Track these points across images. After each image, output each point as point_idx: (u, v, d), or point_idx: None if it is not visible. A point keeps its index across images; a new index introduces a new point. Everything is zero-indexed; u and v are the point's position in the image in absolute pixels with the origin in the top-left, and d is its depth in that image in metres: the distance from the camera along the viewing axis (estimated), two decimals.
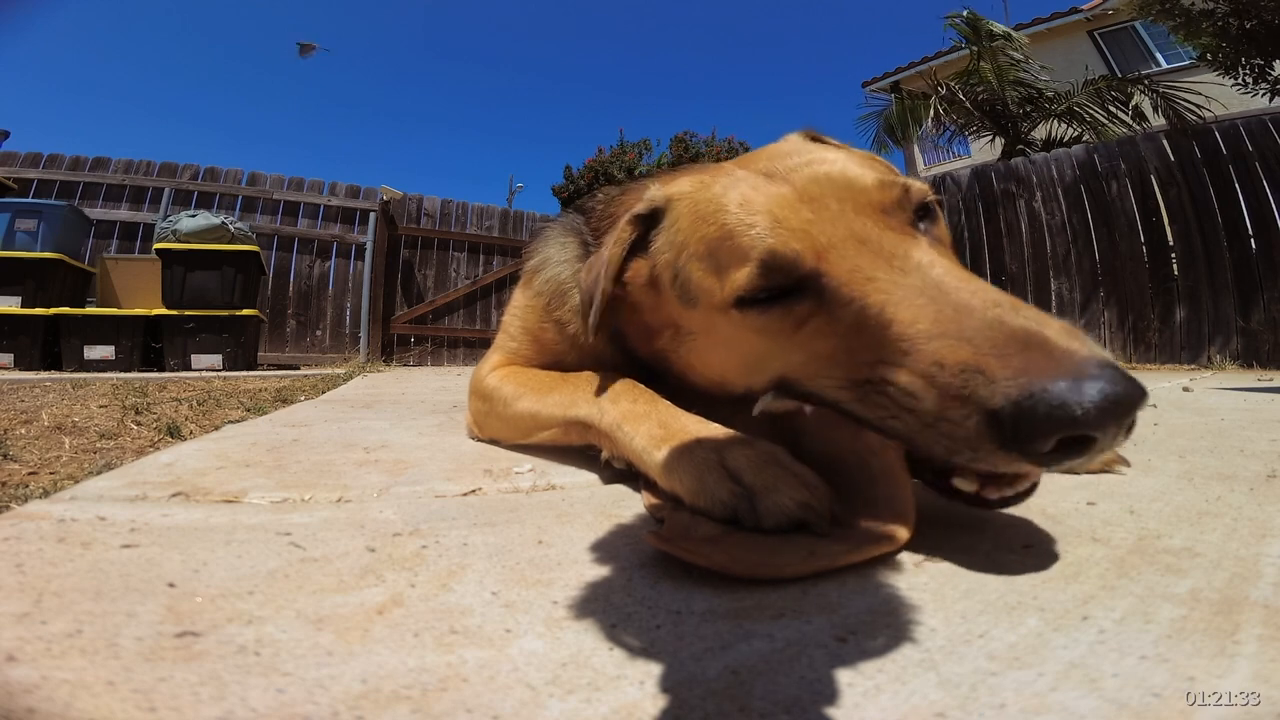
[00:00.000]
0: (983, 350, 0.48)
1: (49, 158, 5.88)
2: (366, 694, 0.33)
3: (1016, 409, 0.44)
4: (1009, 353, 0.47)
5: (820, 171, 0.67)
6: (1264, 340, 4.36)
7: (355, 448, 1.04)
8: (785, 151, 0.73)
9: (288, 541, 0.56)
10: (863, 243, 0.60)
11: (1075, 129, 7.40)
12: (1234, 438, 1.10)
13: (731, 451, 0.61)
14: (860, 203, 0.64)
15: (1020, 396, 0.44)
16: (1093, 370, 0.44)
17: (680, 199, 0.75)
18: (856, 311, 0.57)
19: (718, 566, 0.49)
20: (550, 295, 1.01)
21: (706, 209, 0.70)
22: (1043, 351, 0.46)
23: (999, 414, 0.45)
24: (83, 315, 4.26)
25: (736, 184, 0.69)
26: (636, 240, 0.79)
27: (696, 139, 13.78)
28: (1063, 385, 0.43)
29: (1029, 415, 0.44)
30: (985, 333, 0.49)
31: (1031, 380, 0.44)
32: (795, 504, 0.54)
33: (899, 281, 0.56)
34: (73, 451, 1.35)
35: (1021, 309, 0.51)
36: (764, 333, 0.65)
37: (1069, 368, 0.45)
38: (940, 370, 0.49)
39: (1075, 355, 0.46)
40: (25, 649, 0.36)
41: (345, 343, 6.44)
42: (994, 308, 0.51)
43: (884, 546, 0.51)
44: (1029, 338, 0.48)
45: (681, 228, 0.73)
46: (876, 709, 0.33)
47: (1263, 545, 0.55)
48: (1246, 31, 4.32)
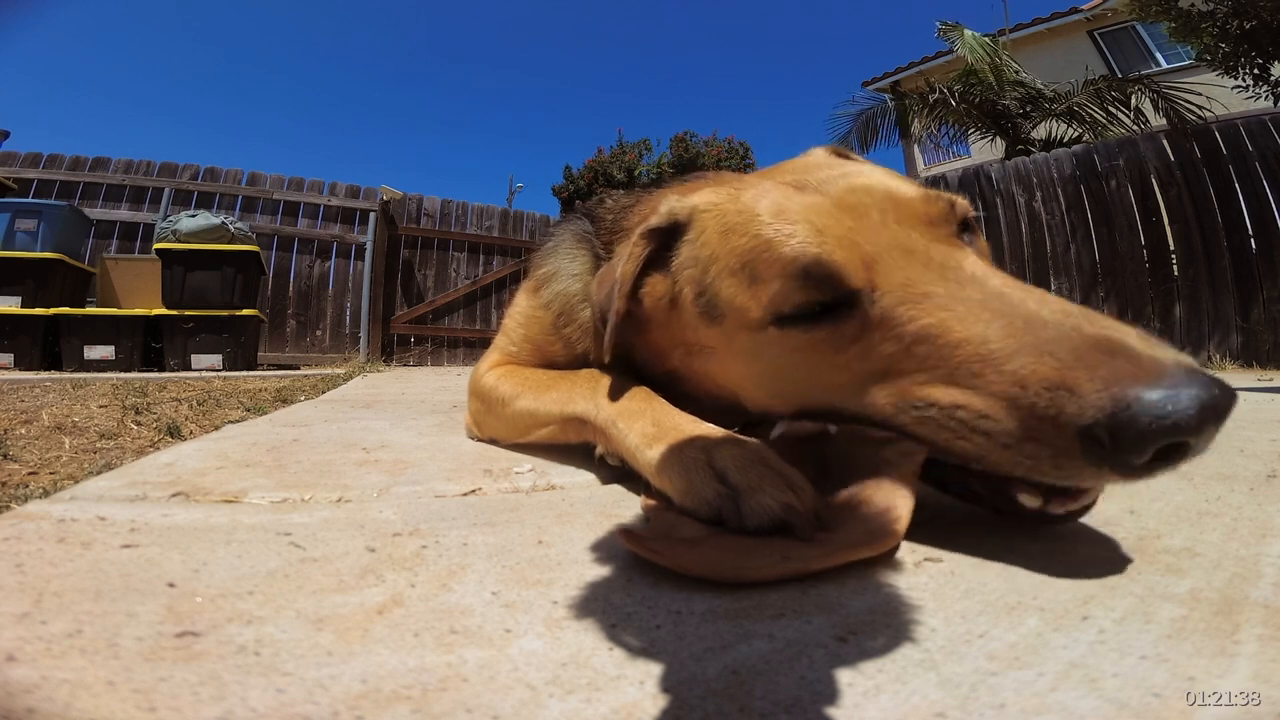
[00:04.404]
0: (1067, 364, 0.46)
1: (49, 158, 5.87)
2: (366, 694, 0.33)
3: (1113, 421, 0.43)
4: (1095, 363, 0.45)
5: (858, 183, 0.63)
6: (1263, 339, 4.36)
7: (355, 448, 1.04)
8: (813, 164, 0.70)
9: (288, 541, 0.56)
10: (911, 253, 0.57)
11: (1075, 129, 7.41)
12: (1234, 437, 1.10)
13: (719, 451, 0.59)
14: (904, 213, 0.60)
15: (1116, 408, 0.43)
16: (1182, 376, 0.43)
17: (705, 210, 0.71)
18: (915, 332, 0.54)
19: (686, 569, 0.48)
20: (559, 310, 0.98)
21: (737, 220, 0.66)
22: (1128, 359, 0.44)
23: (1093, 429, 0.43)
24: (83, 315, 4.26)
25: (767, 193, 0.66)
26: (652, 254, 0.75)
27: (696, 139, 13.79)
28: (1158, 393, 0.42)
29: (1128, 427, 0.42)
30: (1064, 344, 0.47)
31: (1125, 390, 0.43)
32: (779, 505, 0.52)
33: (958, 295, 0.53)
34: (73, 451, 1.35)
35: (1095, 317, 0.49)
36: (804, 352, 0.61)
37: (1159, 374, 0.43)
38: (1023, 391, 0.47)
39: (1162, 362, 0.44)
40: (25, 649, 0.36)
41: (345, 343, 6.44)
42: (1067, 317, 0.49)
43: (860, 551, 0.49)
44: (1112, 346, 0.46)
45: (709, 240, 0.69)
46: (876, 709, 0.33)
47: (1263, 545, 0.55)
48: (1246, 32, 4.33)
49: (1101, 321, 0.49)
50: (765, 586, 0.47)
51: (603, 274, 0.84)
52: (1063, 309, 0.50)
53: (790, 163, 0.76)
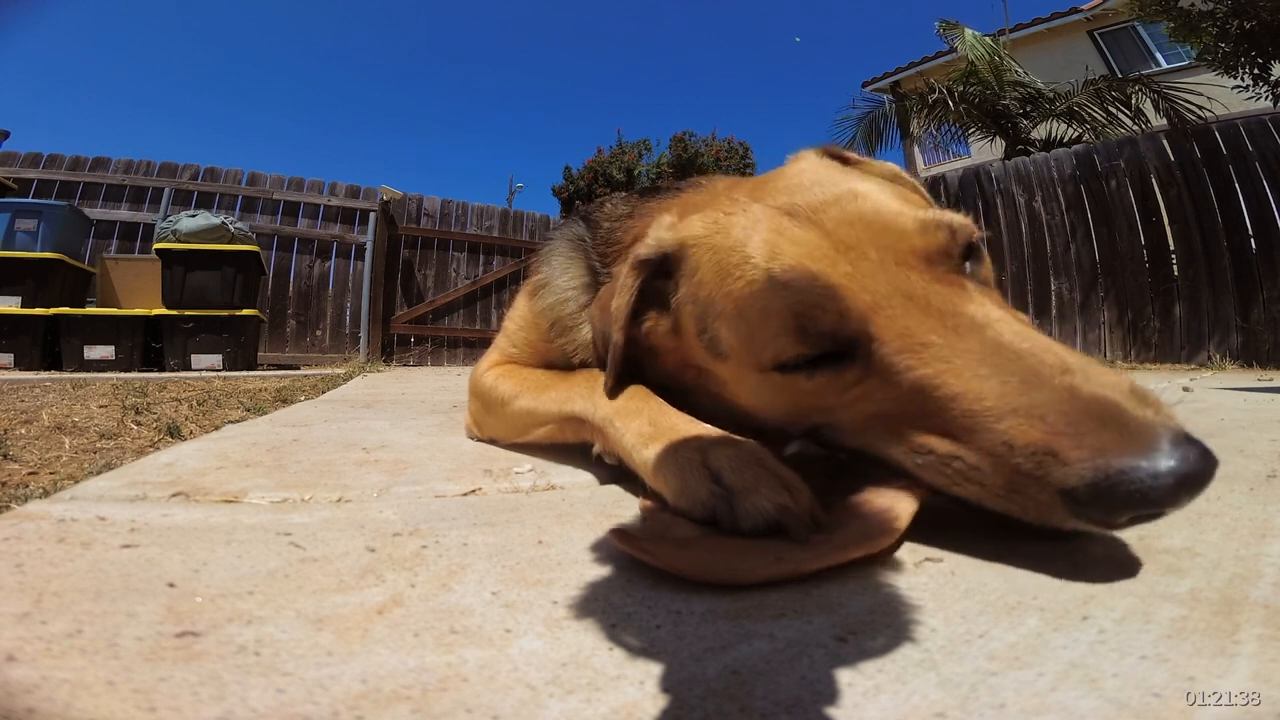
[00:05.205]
0: (1056, 428, 0.47)
1: (49, 158, 5.87)
2: (366, 694, 0.33)
3: (1093, 491, 0.45)
4: (1083, 431, 0.46)
5: (852, 211, 0.61)
6: (1263, 339, 4.37)
7: (355, 448, 1.04)
8: (806, 182, 0.66)
9: (288, 541, 0.56)
10: (910, 299, 0.56)
11: (1075, 129, 7.41)
12: (1234, 437, 1.10)
13: (715, 451, 0.59)
14: (902, 250, 0.58)
15: (1096, 479, 0.45)
16: (1167, 447, 0.44)
17: (696, 245, 0.69)
18: (912, 382, 0.54)
19: (677, 570, 0.48)
20: (552, 322, 0.98)
21: (729, 259, 0.64)
22: (1117, 427, 0.46)
23: (1074, 493, 0.46)
24: (83, 315, 4.26)
25: (757, 226, 0.64)
26: (645, 284, 0.74)
27: (696, 139, 13.80)
28: (1140, 467, 0.44)
29: (1105, 497, 0.44)
30: (1057, 407, 0.48)
31: (1108, 461, 0.44)
32: (773, 506, 0.52)
33: (956, 346, 0.53)
34: (73, 451, 1.35)
35: (1093, 373, 0.50)
36: (808, 394, 0.61)
37: (1145, 445, 0.45)
38: (1010, 451, 0.48)
39: (1150, 429, 0.46)
40: (25, 649, 0.36)
41: (345, 343, 6.44)
42: (1063, 375, 0.49)
43: (852, 552, 0.49)
44: (1104, 411, 0.47)
45: (704, 280, 0.67)
46: (876, 709, 0.33)
47: (1263, 545, 0.55)
48: (1246, 32, 4.33)
49: (1100, 377, 0.50)
50: (765, 587, 0.47)
51: (602, 297, 0.83)
52: (1061, 364, 0.50)
53: (782, 175, 0.72)
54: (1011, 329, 0.54)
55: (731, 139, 13.86)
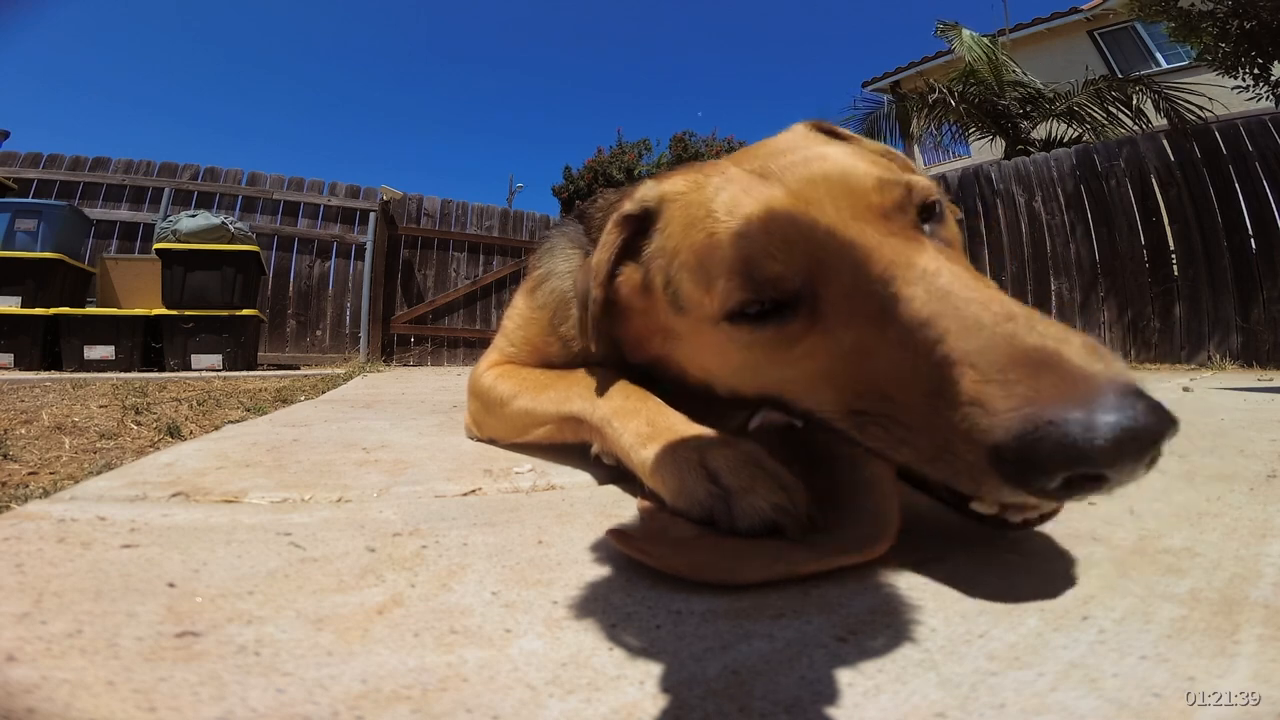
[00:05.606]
0: (987, 376, 0.43)
1: (49, 158, 5.87)
2: (366, 694, 0.33)
3: (1019, 444, 0.40)
4: (1014, 379, 0.42)
5: (816, 171, 0.61)
6: (1263, 339, 4.36)
7: (355, 448, 1.04)
8: (784, 147, 0.68)
9: (288, 541, 0.56)
10: (860, 252, 0.55)
11: (1075, 129, 7.41)
12: (1234, 437, 1.10)
13: (712, 451, 0.59)
14: (859, 206, 0.58)
15: (1022, 430, 0.40)
16: (1110, 398, 0.39)
17: (673, 200, 0.71)
18: (853, 337, 0.53)
19: (675, 571, 0.48)
20: (554, 308, 0.99)
21: (697, 213, 0.66)
22: (1055, 375, 0.41)
23: (1001, 450, 0.41)
24: (83, 315, 4.26)
25: (728, 184, 0.65)
26: (628, 241, 0.75)
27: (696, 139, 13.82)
28: (1074, 416, 0.38)
29: (1031, 451, 0.39)
30: (989, 355, 0.44)
31: (1037, 411, 0.40)
32: (770, 506, 0.52)
33: (900, 295, 0.51)
34: (73, 451, 1.35)
35: (1039, 323, 0.45)
36: (754, 348, 0.61)
37: (1083, 394, 0.39)
38: (936, 404, 0.45)
39: (1093, 379, 0.40)
40: (25, 649, 0.36)
41: (345, 343, 6.44)
42: (1005, 322, 0.45)
43: (851, 557, 0.48)
44: (1043, 358, 0.42)
45: (673, 233, 0.69)
46: (877, 709, 0.33)
47: (1263, 545, 0.55)
48: (1246, 32, 4.33)
49: (1046, 328, 0.45)
50: (764, 587, 0.47)
51: (585, 264, 0.84)
52: (1005, 312, 0.47)
53: (769, 142, 0.74)
54: (961, 280, 0.50)
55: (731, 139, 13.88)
